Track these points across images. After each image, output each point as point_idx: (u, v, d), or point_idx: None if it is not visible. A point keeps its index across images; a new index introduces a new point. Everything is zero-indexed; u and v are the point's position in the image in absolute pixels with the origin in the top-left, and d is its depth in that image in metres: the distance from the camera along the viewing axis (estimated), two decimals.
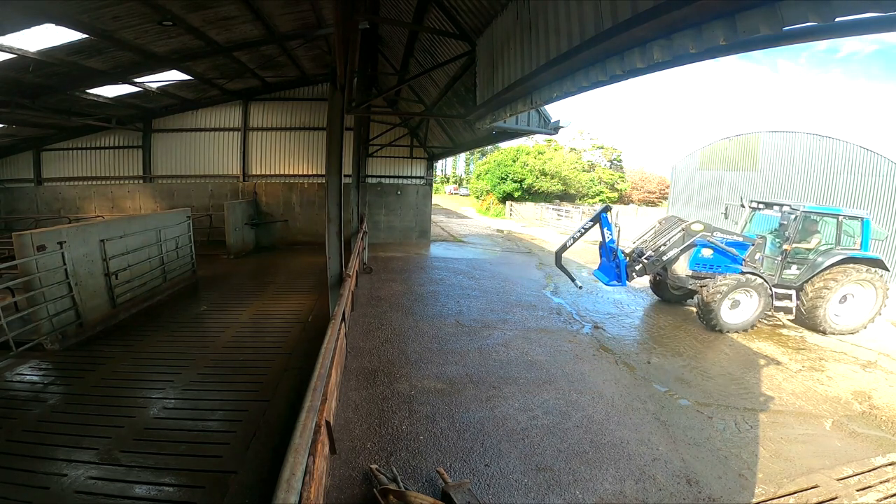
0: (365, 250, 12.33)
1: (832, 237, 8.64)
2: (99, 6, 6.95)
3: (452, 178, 54.17)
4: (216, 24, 8.78)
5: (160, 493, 3.59)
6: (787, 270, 8.51)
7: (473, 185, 42.54)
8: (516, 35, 5.03)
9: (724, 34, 2.56)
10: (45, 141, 14.67)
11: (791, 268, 8.52)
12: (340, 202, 6.13)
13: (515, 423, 4.79)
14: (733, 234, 8.54)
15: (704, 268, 8.59)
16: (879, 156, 13.52)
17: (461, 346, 6.95)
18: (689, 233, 8.30)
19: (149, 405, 4.86)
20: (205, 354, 6.22)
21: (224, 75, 12.23)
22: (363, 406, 5.03)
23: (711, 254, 8.43)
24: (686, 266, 8.68)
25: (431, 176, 17.79)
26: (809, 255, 8.53)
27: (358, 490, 3.67)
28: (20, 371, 5.60)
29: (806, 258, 8.53)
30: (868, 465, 4.33)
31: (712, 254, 8.42)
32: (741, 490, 3.92)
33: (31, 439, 4.19)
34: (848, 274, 8.14)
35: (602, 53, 3.63)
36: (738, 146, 17.99)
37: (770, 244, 8.83)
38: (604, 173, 39.29)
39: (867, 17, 2.12)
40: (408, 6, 7.79)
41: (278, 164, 15.86)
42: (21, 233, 6.03)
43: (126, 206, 15.23)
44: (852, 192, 14.04)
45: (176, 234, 9.51)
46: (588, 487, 3.85)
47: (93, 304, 6.96)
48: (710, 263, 8.54)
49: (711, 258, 8.47)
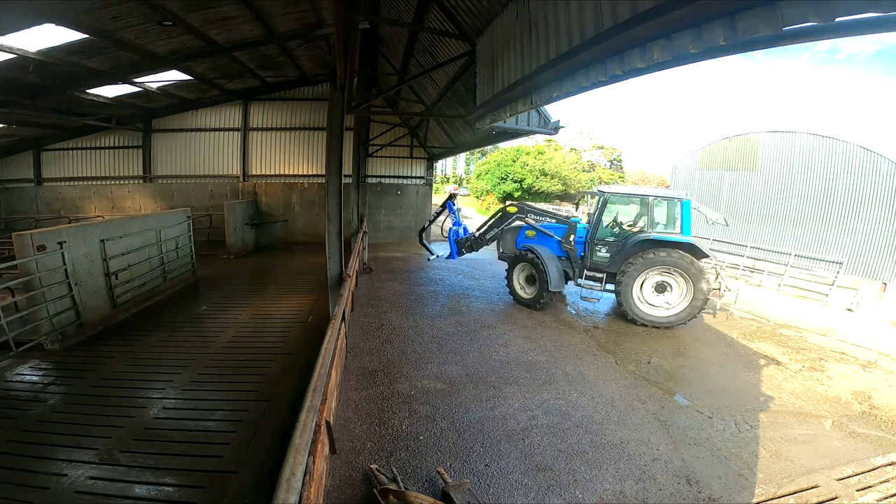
0: (365, 250, 12.33)
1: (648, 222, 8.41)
2: (99, 6, 6.95)
3: (452, 178, 54.14)
4: (216, 24, 8.78)
5: (160, 493, 3.59)
6: (598, 252, 8.73)
7: (473, 185, 42.54)
8: (516, 35, 5.03)
9: (724, 34, 2.56)
10: (45, 141, 14.67)
11: (601, 250, 8.71)
12: (340, 202, 6.13)
13: (515, 423, 4.79)
14: (548, 214, 9.48)
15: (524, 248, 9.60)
16: (879, 156, 13.52)
17: (461, 345, 6.94)
18: (505, 214, 9.66)
19: (149, 405, 4.86)
20: (205, 354, 6.22)
21: (224, 75, 12.23)
22: (363, 406, 5.03)
23: (535, 235, 9.43)
24: (514, 245, 9.81)
25: (431, 176, 17.79)
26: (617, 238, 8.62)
27: (358, 490, 3.67)
28: (20, 371, 5.60)
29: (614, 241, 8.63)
30: (868, 465, 4.33)
31: (535, 235, 9.43)
32: (741, 490, 3.92)
33: (31, 439, 4.19)
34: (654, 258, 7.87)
35: (602, 53, 3.63)
36: (738, 146, 18.00)
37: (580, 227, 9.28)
38: (604, 173, 39.30)
39: (867, 17, 2.12)
40: (408, 6, 7.79)
41: (278, 164, 15.86)
42: (21, 233, 6.03)
43: (126, 206, 15.23)
44: (852, 192, 14.04)
45: (176, 234, 9.51)
46: (588, 487, 3.85)
47: (93, 304, 6.96)
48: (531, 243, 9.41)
49: (535, 238, 9.43)
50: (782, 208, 16.20)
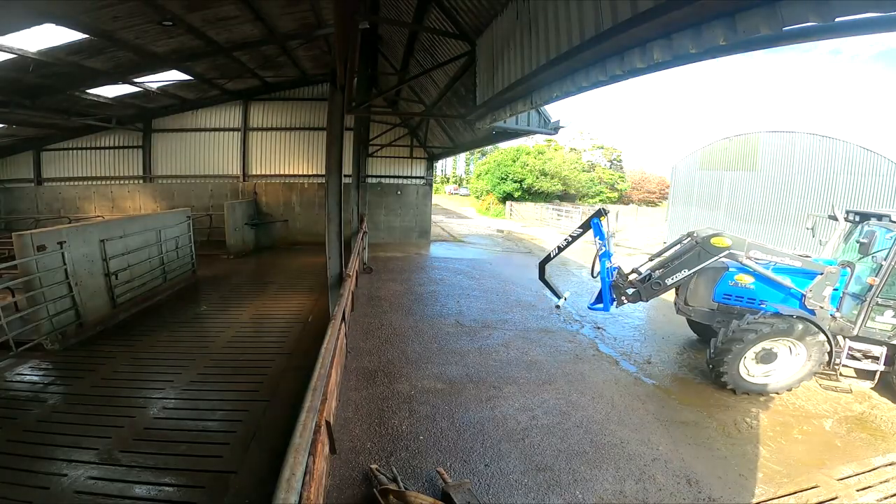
0: (365, 250, 12.33)
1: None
2: (99, 6, 6.95)
3: (452, 178, 54.16)
4: (216, 24, 8.77)
5: (160, 493, 3.59)
6: (878, 317, 5.69)
7: (473, 185, 42.55)
8: (516, 35, 5.03)
9: (724, 34, 2.56)
10: (45, 141, 14.67)
11: (884, 313, 5.66)
12: (340, 202, 6.13)
13: (515, 423, 4.79)
14: (782, 254, 5.93)
15: (738, 301, 6.23)
16: (879, 156, 13.52)
17: (461, 346, 6.94)
18: (705, 248, 5.79)
19: (149, 405, 4.86)
20: (205, 354, 6.22)
21: (224, 75, 12.22)
22: (363, 406, 5.03)
23: (752, 281, 6.13)
24: (709, 294, 6.36)
25: (431, 176, 17.80)
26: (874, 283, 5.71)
27: (358, 490, 3.67)
28: (20, 371, 5.60)
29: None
30: (868, 465, 4.33)
31: (753, 281, 6.13)
32: (741, 490, 3.92)
33: (31, 439, 4.19)
34: None
35: (602, 53, 3.64)
36: (738, 146, 18.00)
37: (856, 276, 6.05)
38: (604, 173, 39.33)
39: (867, 17, 2.12)
40: (408, 6, 7.79)
41: (278, 164, 15.86)
42: (21, 233, 6.03)
43: (126, 206, 15.23)
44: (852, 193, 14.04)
45: (176, 234, 9.51)
46: (588, 487, 3.85)
47: (93, 304, 6.95)
48: (747, 295, 6.21)
49: (752, 287, 6.16)
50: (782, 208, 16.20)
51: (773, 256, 5.87)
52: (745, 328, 5.52)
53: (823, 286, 5.81)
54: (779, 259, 5.88)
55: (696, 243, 5.87)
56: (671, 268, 6.00)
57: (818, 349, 5.49)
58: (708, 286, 6.39)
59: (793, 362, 5.66)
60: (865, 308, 5.66)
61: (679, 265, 5.95)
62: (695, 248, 5.86)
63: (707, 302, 6.43)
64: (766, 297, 6.09)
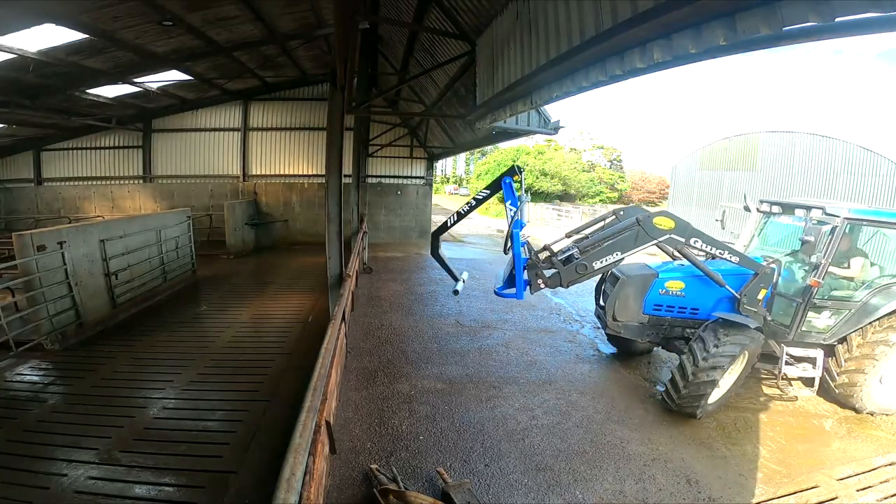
0: (365, 250, 12.33)
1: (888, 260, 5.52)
2: (99, 6, 6.95)
3: (452, 178, 54.16)
4: (216, 24, 8.77)
5: (160, 493, 3.59)
6: (816, 319, 5.30)
7: (473, 184, 42.55)
8: (516, 35, 5.03)
9: (724, 34, 2.56)
10: (45, 141, 14.67)
11: (821, 314, 5.28)
12: (340, 202, 6.13)
13: (515, 423, 4.79)
14: (723, 246, 4.92)
15: (669, 311, 5.50)
16: (879, 156, 13.52)
17: (461, 346, 6.94)
18: (647, 229, 4.64)
19: (149, 405, 4.86)
20: (205, 354, 6.22)
21: (224, 75, 12.22)
22: (363, 406, 5.03)
23: (683, 288, 5.42)
24: (639, 307, 5.50)
25: (431, 176, 17.80)
26: (850, 294, 5.27)
27: (358, 490, 3.67)
28: (20, 371, 5.60)
29: (845, 298, 5.25)
30: (868, 465, 4.32)
31: (684, 287, 5.42)
32: (741, 490, 3.92)
33: (31, 439, 4.19)
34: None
35: (602, 53, 3.64)
36: (738, 146, 18.01)
37: (786, 273, 5.60)
38: (604, 173, 39.34)
39: (867, 17, 2.12)
40: (408, 6, 7.79)
41: (278, 164, 15.86)
42: (21, 233, 6.03)
43: (126, 206, 15.23)
44: (852, 193, 14.03)
45: (176, 234, 9.51)
46: (588, 487, 3.85)
47: (93, 304, 6.95)
48: (678, 304, 5.47)
49: (683, 295, 5.44)
50: None
51: (714, 248, 4.83)
52: (723, 348, 4.68)
53: (758, 288, 5.14)
54: (718, 252, 4.85)
55: (637, 222, 4.64)
56: (600, 248, 4.71)
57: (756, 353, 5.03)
58: (637, 297, 5.53)
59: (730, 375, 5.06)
60: (802, 310, 5.18)
61: (610, 246, 4.68)
62: (633, 228, 4.65)
63: (637, 315, 5.55)
64: (698, 304, 5.45)
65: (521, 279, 4.71)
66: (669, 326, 5.60)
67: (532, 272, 4.76)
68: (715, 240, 4.88)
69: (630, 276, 5.57)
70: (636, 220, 4.69)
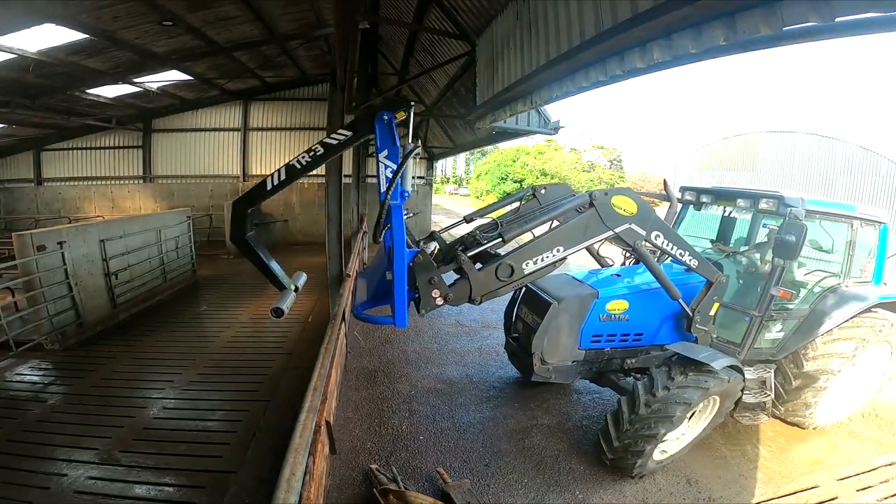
0: (365, 250, 12.33)
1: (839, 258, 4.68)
2: (99, 6, 6.95)
3: (452, 178, 54.15)
4: (216, 24, 8.77)
5: (160, 493, 3.59)
6: (767, 333, 4.50)
7: (473, 185, 42.55)
8: (516, 35, 5.03)
9: (724, 34, 2.56)
10: (45, 141, 14.67)
11: (772, 328, 4.50)
12: (340, 202, 6.14)
13: (516, 423, 4.78)
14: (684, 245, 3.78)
15: (610, 340, 4.33)
16: (879, 156, 13.52)
17: (461, 346, 6.94)
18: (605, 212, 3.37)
19: (149, 405, 4.86)
20: (205, 354, 6.22)
21: (224, 75, 12.22)
22: (363, 406, 5.03)
23: (626, 309, 4.22)
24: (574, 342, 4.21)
25: (431, 176, 17.78)
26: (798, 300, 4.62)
27: (358, 490, 3.67)
28: (20, 371, 5.60)
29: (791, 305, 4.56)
30: (868, 465, 4.32)
31: (627, 308, 4.22)
32: (741, 490, 3.92)
33: (31, 439, 4.19)
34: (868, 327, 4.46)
35: (602, 53, 3.64)
36: (738, 146, 18.00)
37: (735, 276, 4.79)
38: (604, 173, 39.29)
39: (867, 17, 2.12)
40: (408, 6, 7.79)
41: (278, 164, 15.58)
42: (21, 233, 6.03)
43: (126, 206, 15.22)
44: (852, 193, 14.03)
45: (176, 234, 9.51)
46: (588, 487, 3.85)
47: (93, 304, 6.95)
48: (621, 331, 4.31)
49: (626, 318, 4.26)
50: None
51: (675, 247, 3.69)
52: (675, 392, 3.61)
53: (711, 302, 4.05)
54: (679, 252, 3.72)
55: (591, 201, 3.32)
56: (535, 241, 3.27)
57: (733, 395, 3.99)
58: (572, 328, 4.15)
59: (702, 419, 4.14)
60: (758, 325, 4.31)
61: (551, 238, 3.29)
62: (583, 210, 3.33)
63: (572, 352, 4.21)
64: (643, 327, 4.30)
65: (404, 291, 2.84)
66: (607, 359, 4.37)
67: (424, 279, 2.99)
68: (677, 235, 3.82)
69: (563, 299, 4.06)
70: (589, 198, 3.32)
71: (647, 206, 3.55)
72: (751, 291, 4.60)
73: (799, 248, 3.73)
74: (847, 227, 4.54)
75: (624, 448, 3.75)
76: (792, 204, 4.09)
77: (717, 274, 3.98)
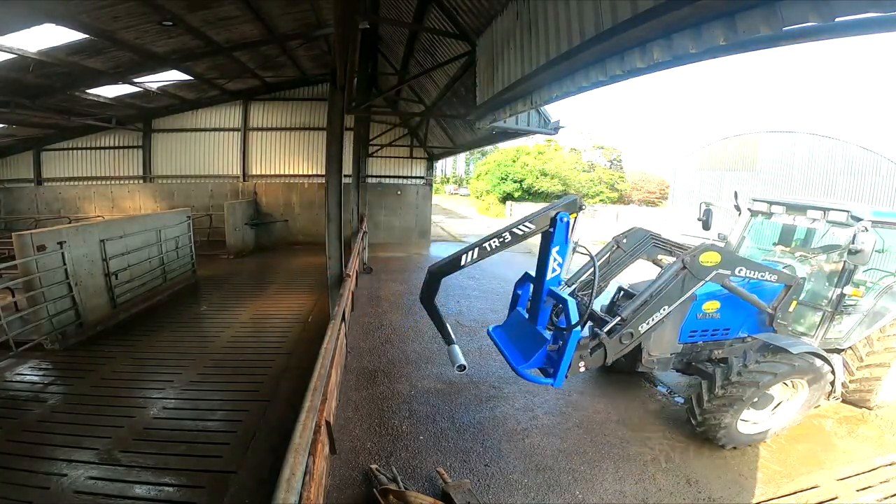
0: (365, 250, 12.33)
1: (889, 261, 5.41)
2: (99, 6, 6.95)
3: (452, 178, 54.18)
4: (216, 24, 8.78)
5: (160, 493, 3.59)
6: (837, 326, 5.06)
7: (473, 185, 42.55)
8: (516, 35, 5.03)
9: (724, 34, 2.56)
10: (45, 141, 14.67)
11: (841, 320, 5.04)
12: (340, 202, 6.14)
13: (516, 423, 4.78)
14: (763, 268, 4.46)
15: (703, 335, 4.96)
16: (879, 156, 13.52)
17: (462, 345, 6.86)
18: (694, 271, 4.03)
19: (149, 405, 4.86)
20: (205, 354, 6.22)
21: (224, 75, 12.22)
22: (363, 406, 5.03)
23: (718, 308, 4.84)
24: (675, 336, 4.84)
25: (431, 176, 17.79)
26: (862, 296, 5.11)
27: (358, 490, 3.67)
28: (20, 371, 5.60)
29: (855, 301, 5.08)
30: (868, 465, 4.32)
31: (719, 308, 4.84)
32: (741, 490, 3.92)
33: (31, 439, 4.19)
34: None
35: (602, 53, 3.64)
36: (738, 146, 18.02)
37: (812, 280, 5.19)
38: (604, 173, 39.30)
39: (867, 17, 2.12)
40: (408, 6, 7.79)
41: (278, 164, 15.86)
42: (21, 233, 6.03)
43: (126, 206, 15.23)
44: (852, 193, 14.03)
45: (176, 234, 9.52)
46: (588, 487, 3.85)
47: (93, 304, 6.95)
48: (712, 326, 4.94)
49: (718, 316, 4.88)
50: None
51: (757, 272, 4.41)
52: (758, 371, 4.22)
53: (790, 300, 4.76)
54: (760, 275, 4.44)
55: (683, 265, 4.01)
56: (646, 307, 3.94)
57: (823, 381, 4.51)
58: (675, 326, 4.76)
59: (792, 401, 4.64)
60: (829, 318, 4.93)
61: (657, 302, 3.95)
62: (680, 274, 4.01)
63: (672, 346, 4.84)
64: (731, 323, 4.97)
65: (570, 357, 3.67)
66: (698, 350, 5.02)
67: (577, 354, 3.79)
68: (756, 263, 4.49)
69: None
70: (682, 264, 4.01)
71: (728, 253, 4.41)
72: (818, 289, 5.19)
73: (870, 255, 4.37)
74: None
75: (707, 419, 4.38)
76: (860, 216, 4.64)
77: (794, 278, 4.71)
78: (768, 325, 4.86)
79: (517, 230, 3.70)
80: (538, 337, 3.81)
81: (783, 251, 5.73)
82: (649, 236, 5.40)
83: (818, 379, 4.47)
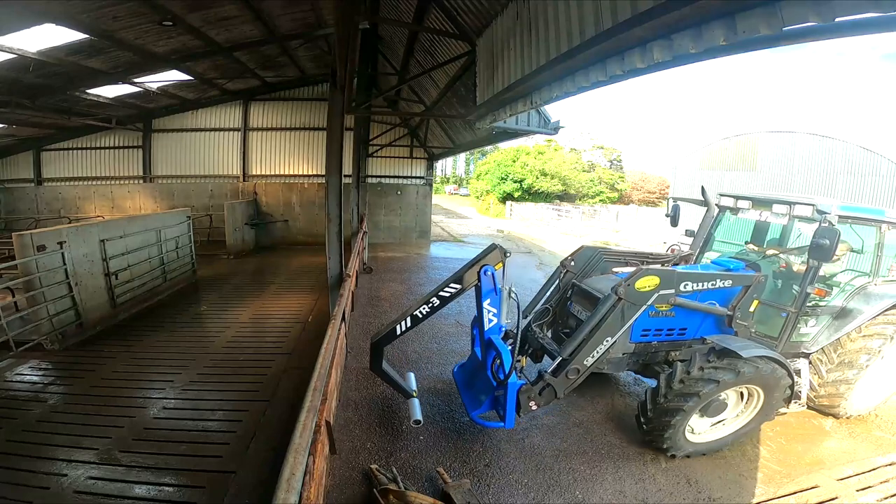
0: (365, 250, 12.33)
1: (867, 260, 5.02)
2: (99, 6, 6.95)
3: (452, 178, 54.16)
4: (216, 24, 8.77)
5: (160, 493, 3.59)
6: (803, 328, 4.81)
7: (473, 185, 42.54)
8: (516, 35, 5.03)
9: (724, 34, 2.56)
10: (45, 141, 14.67)
11: (806, 322, 4.79)
12: (340, 202, 6.13)
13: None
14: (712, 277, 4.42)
15: (657, 335, 4.70)
16: (879, 156, 13.52)
17: (461, 346, 6.94)
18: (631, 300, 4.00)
19: (149, 405, 4.86)
20: (205, 354, 6.22)
21: (224, 75, 12.23)
22: (363, 406, 5.03)
23: (670, 307, 4.44)
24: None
25: (431, 176, 17.80)
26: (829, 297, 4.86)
27: (358, 490, 3.67)
28: (20, 371, 5.60)
29: (824, 302, 4.85)
30: (868, 465, 4.33)
31: (671, 307, 4.44)
32: (741, 490, 3.92)
33: (31, 439, 4.19)
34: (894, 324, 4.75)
35: (602, 53, 3.64)
36: (738, 146, 18.02)
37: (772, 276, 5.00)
38: (604, 173, 39.29)
39: (867, 17, 2.12)
40: (408, 6, 7.79)
41: (278, 164, 15.86)
42: (21, 233, 6.04)
43: (126, 206, 15.23)
44: (852, 193, 14.03)
45: (176, 234, 9.52)
46: (588, 487, 3.85)
47: (93, 304, 6.96)
48: (667, 326, 4.67)
49: (672, 314, 4.58)
50: None
51: (704, 283, 4.34)
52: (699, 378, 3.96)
53: (750, 300, 4.51)
54: (710, 284, 4.36)
55: (617, 297, 3.92)
56: (587, 342, 3.96)
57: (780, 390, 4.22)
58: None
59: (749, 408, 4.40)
60: (794, 320, 4.63)
61: (599, 335, 3.95)
62: (617, 306, 3.94)
63: (623, 346, 4.59)
64: (687, 322, 4.70)
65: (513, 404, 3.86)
66: (653, 352, 4.77)
67: (525, 397, 3.90)
68: (702, 274, 4.43)
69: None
70: (615, 295, 3.91)
71: (666, 272, 4.22)
72: (786, 289, 4.96)
73: (833, 250, 4.01)
74: (876, 230, 4.87)
75: (654, 425, 4.15)
76: (825, 210, 4.37)
77: (753, 277, 4.47)
78: (727, 326, 4.59)
79: (444, 293, 3.98)
80: (488, 382, 4.13)
81: (752, 250, 5.45)
82: (598, 252, 5.54)
83: (773, 385, 4.16)
